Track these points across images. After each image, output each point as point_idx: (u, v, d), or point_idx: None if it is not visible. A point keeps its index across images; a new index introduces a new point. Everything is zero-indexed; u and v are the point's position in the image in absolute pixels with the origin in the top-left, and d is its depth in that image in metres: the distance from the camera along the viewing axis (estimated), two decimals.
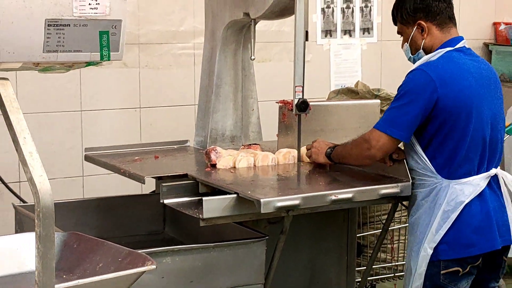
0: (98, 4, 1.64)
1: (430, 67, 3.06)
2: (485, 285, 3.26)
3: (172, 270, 2.90)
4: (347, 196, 3.01)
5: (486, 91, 3.12)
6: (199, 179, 3.12)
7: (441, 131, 3.03)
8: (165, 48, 4.71)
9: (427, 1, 3.16)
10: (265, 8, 3.38)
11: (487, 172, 3.07)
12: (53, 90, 4.35)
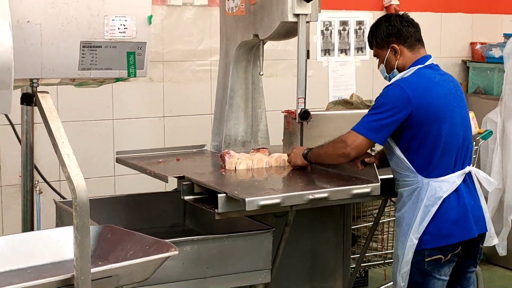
0: (126, 29, 1.64)
1: (405, 82, 3.09)
2: (465, 271, 3.24)
3: (191, 257, 2.90)
4: (323, 196, 3.00)
5: (455, 101, 3.15)
6: (194, 180, 3.09)
7: (416, 137, 3.05)
8: (186, 65, 4.71)
9: (398, 26, 3.19)
10: (272, 30, 3.38)
11: (462, 170, 3.09)
12: (89, 102, 4.36)
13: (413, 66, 3.16)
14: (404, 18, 3.25)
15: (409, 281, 3.08)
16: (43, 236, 1.87)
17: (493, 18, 6.03)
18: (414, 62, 3.17)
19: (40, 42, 1.56)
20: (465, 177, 3.11)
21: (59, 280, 1.57)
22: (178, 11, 4.66)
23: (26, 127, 3.75)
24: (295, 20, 3.29)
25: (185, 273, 2.91)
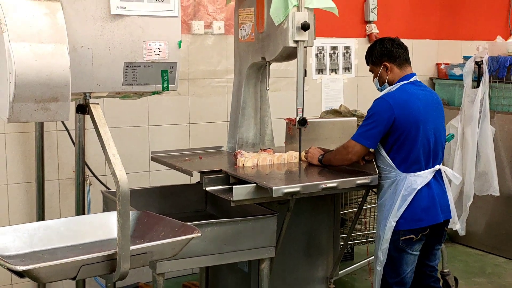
0: (160, 52, 1.64)
1: (389, 96, 3.14)
2: (432, 248, 3.27)
3: (211, 237, 2.92)
4: (333, 185, 3.08)
5: (431, 111, 3.16)
6: (230, 173, 3.16)
7: (398, 140, 3.08)
8: (207, 82, 4.71)
9: (390, 48, 3.22)
10: (276, 54, 3.38)
11: (433, 168, 3.12)
12: (129, 111, 4.36)
13: (400, 81, 3.20)
14: (395, 41, 3.30)
15: (387, 255, 3.11)
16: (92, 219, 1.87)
17: (454, 43, 6.02)
18: (401, 78, 3.20)
19: (91, 63, 1.57)
20: (435, 173, 3.14)
21: (105, 255, 1.57)
22: (201, 38, 4.66)
23: (79, 132, 3.77)
24: (295, 45, 3.29)
25: (207, 249, 2.92)
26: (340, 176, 3.21)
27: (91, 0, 1.55)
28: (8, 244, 1.67)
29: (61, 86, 1.45)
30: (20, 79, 1.41)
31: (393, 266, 3.13)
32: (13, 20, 1.43)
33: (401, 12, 5.71)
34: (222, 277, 3.69)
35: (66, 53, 1.46)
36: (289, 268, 3.52)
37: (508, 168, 5.00)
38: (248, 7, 3.61)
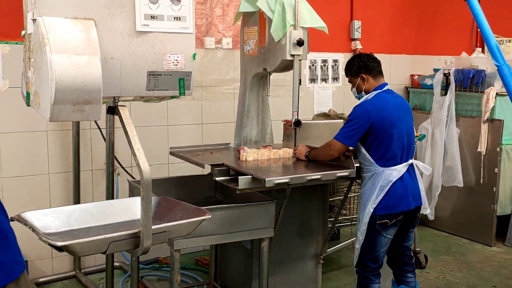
0: (178, 62, 1.64)
1: (367, 103, 3.14)
2: (406, 231, 3.26)
3: (220, 219, 2.92)
4: (317, 177, 3.08)
5: (403, 115, 3.17)
6: (230, 166, 3.15)
7: (376, 140, 3.08)
8: (217, 89, 4.71)
9: (366, 62, 3.22)
10: (275, 65, 3.37)
11: (406, 162, 3.12)
12: (152, 113, 4.37)
13: (375, 90, 3.19)
14: (371, 56, 3.29)
15: (365, 236, 3.11)
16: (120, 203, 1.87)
17: (426, 58, 6.01)
18: (375, 88, 3.20)
19: (120, 72, 1.57)
20: (408, 167, 3.13)
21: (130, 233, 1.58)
22: (212, 52, 4.66)
23: (109, 130, 3.77)
24: (292, 58, 3.28)
25: (216, 230, 2.93)
26: (323, 170, 3.20)
27: (120, 19, 1.54)
28: (49, 223, 1.68)
29: (94, 91, 1.46)
30: (59, 85, 1.41)
31: (369, 245, 3.12)
32: (54, 35, 1.43)
33: (381, 31, 5.70)
34: (228, 253, 3.70)
35: (98, 64, 1.46)
36: (285, 246, 3.52)
37: (470, 163, 5.01)
38: (252, 26, 3.61)
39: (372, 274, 3.15)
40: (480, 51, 5.68)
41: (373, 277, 3.15)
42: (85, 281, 4.01)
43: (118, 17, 1.54)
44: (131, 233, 1.59)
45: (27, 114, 3.83)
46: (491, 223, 4.95)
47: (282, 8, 3.28)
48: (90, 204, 1.82)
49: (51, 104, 1.43)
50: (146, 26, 1.57)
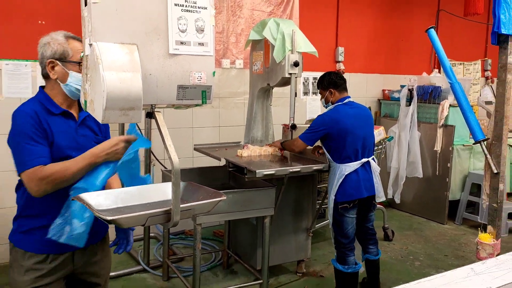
0: (201, 78, 1.65)
1: (327, 114, 3.14)
2: (367, 214, 3.26)
3: (232, 200, 2.93)
4: (297, 170, 3.11)
5: (360, 123, 3.11)
6: (229, 160, 3.22)
7: (333, 144, 3.08)
8: (231, 99, 4.73)
9: (335, 79, 3.21)
10: (277, 81, 3.39)
11: (360, 161, 3.07)
12: (181, 118, 4.39)
13: (337, 103, 3.17)
14: (338, 75, 3.28)
15: (333, 218, 3.12)
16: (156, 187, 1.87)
17: (394, 77, 6.01)
18: (338, 100, 3.18)
19: (156, 85, 1.57)
20: (364, 164, 3.09)
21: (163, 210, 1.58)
22: (227, 71, 4.67)
23: (147, 130, 3.79)
24: (289, 76, 3.29)
25: (229, 208, 2.93)
26: (302, 164, 3.22)
27: (157, 44, 1.55)
28: (101, 202, 1.69)
29: (136, 100, 1.46)
30: (109, 95, 1.42)
31: (338, 225, 3.11)
32: (105, 57, 1.44)
33: (360, 55, 5.70)
34: (238, 227, 3.71)
35: (140, 79, 1.47)
36: (282, 222, 3.52)
37: (428, 159, 5.00)
38: (259, 50, 3.62)
39: (347, 249, 3.12)
40: (437, 71, 5.66)
41: (347, 251, 3.12)
42: None
43: (155, 43, 1.55)
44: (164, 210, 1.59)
45: None
46: (444, 206, 4.95)
47: (282, 37, 3.29)
48: (133, 188, 1.82)
49: (103, 110, 1.44)
50: (177, 50, 1.57)
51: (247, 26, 4.69)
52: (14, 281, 1.78)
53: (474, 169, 5.06)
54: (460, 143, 4.98)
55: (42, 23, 3.69)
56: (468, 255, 4.16)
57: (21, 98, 3.64)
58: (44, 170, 1.70)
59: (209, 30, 1.60)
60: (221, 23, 4.59)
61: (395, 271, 3.82)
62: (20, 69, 3.61)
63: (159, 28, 1.51)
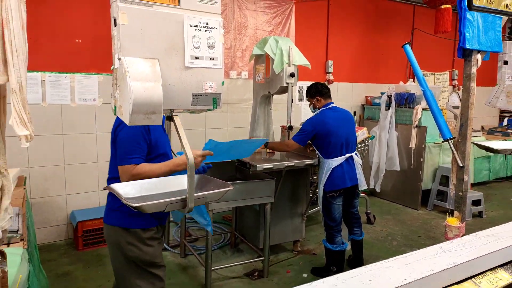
0: (212, 87, 1.65)
1: (314, 118, 3.13)
2: (352, 201, 3.25)
3: (238, 190, 2.93)
4: (292, 164, 3.11)
5: (342, 124, 3.08)
6: None
7: (320, 143, 3.07)
8: (237, 105, 4.72)
9: (320, 89, 3.19)
10: (276, 89, 3.37)
11: (344, 156, 3.05)
12: (195, 121, 4.38)
13: (323, 108, 3.15)
14: (323, 84, 3.24)
15: (322, 204, 3.10)
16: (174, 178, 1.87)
17: (375, 85, 5.98)
18: (324, 105, 3.16)
19: (174, 93, 1.57)
20: (348, 158, 3.06)
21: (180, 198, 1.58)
22: (235, 81, 4.67)
23: (167, 129, 3.78)
24: (287, 85, 3.28)
25: (236, 197, 2.93)
26: (296, 159, 3.20)
27: (175, 58, 1.55)
28: (128, 191, 1.69)
29: (157, 106, 1.46)
30: (135, 101, 1.42)
31: (327, 211, 3.10)
32: (132, 69, 1.44)
33: (346, 67, 5.68)
34: (244, 213, 3.72)
35: (160, 88, 1.47)
36: (281, 208, 3.52)
37: (404, 155, 4.98)
38: (261, 63, 3.61)
39: (335, 230, 3.11)
40: (412, 80, 5.63)
41: (335, 233, 3.11)
42: None
43: (173, 57, 1.55)
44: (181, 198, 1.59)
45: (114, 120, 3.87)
46: (418, 194, 4.92)
47: (280, 52, 3.28)
48: (155, 179, 1.83)
49: (130, 114, 1.44)
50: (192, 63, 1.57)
51: (251, 43, 4.69)
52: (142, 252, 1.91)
53: (443, 163, 5.04)
54: (431, 141, 4.96)
55: (79, 41, 3.70)
56: (438, 236, 4.15)
57: (61, 105, 3.66)
58: (136, 169, 1.85)
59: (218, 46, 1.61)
60: (229, 40, 4.59)
61: (376, 249, 3.81)
62: (60, 80, 3.62)
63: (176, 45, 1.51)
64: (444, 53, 6.65)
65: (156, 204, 1.55)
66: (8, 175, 1.20)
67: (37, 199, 3.66)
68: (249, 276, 3.18)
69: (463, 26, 2.55)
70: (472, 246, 1.56)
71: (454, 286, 1.41)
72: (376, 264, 1.39)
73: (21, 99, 1.11)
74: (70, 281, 3.03)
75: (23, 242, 1.89)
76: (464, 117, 2.73)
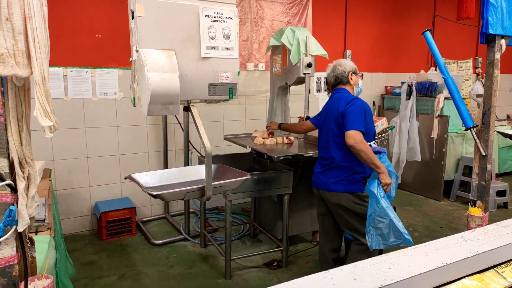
0: (228, 77, 1.66)
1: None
2: None
3: (256, 180, 2.94)
4: (310, 154, 3.01)
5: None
6: (253, 148, 3.16)
7: None
8: (255, 97, 4.72)
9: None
10: (293, 80, 3.36)
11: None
12: (213, 113, 4.41)
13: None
14: None
15: None
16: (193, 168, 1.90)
17: (395, 74, 5.86)
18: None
19: (191, 84, 1.59)
20: None
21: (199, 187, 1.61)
22: (252, 72, 4.66)
23: (185, 123, 3.83)
24: (304, 76, 3.26)
25: (254, 188, 2.94)
26: (314, 150, 3.11)
27: (191, 49, 1.57)
28: (148, 181, 1.73)
29: (175, 96, 1.49)
30: (153, 92, 1.45)
31: None
32: (149, 60, 1.47)
33: (365, 57, 5.59)
34: (262, 204, 3.73)
35: (177, 79, 1.50)
36: (299, 199, 3.52)
37: (426, 145, 4.88)
38: (278, 54, 3.60)
39: None
40: (433, 69, 5.49)
41: None
42: (171, 221, 4.11)
43: (190, 48, 1.56)
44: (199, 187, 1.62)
45: (134, 114, 3.94)
46: (440, 185, 4.83)
47: (297, 42, 3.26)
48: (174, 169, 1.86)
49: (148, 104, 1.47)
50: (208, 54, 1.59)
51: (267, 34, 4.67)
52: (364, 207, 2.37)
53: (466, 153, 4.91)
54: (454, 131, 4.84)
55: (99, 36, 3.78)
56: (461, 227, 4.06)
57: (83, 99, 3.76)
58: (362, 138, 2.21)
59: (234, 36, 1.62)
60: (246, 32, 4.58)
61: None
62: (82, 75, 3.71)
63: (192, 36, 1.53)
64: (467, 40, 6.44)
65: (175, 193, 1.59)
66: (34, 164, 1.26)
67: (61, 191, 3.79)
68: (268, 266, 3.21)
69: (486, 10, 2.47)
70: (495, 235, 1.52)
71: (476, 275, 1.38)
72: (395, 253, 1.38)
73: (44, 91, 1.16)
74: (95, 269, 3.14)
75: (50, 231, 1.97)
76: (487, 105, 2.66)
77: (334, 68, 2.54)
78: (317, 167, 2.55)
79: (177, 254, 3.42)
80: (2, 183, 1.10)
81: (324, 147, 2.51)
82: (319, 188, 2.53)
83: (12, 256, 1.13)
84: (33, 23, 1.13)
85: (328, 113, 2.49)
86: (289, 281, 1.16)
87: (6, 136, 1.13)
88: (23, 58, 1.11)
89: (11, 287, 1.13)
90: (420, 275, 1.26)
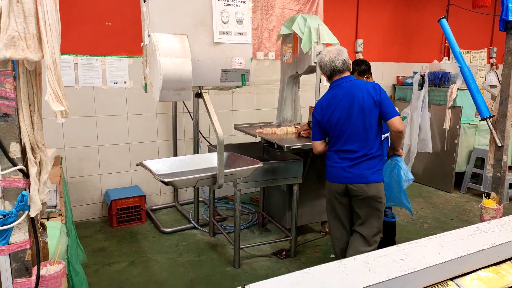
0: (241, 63, 1.62)
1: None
2: None
3: (266, 169, 2.92)
4: None
5: None
6: (263, 137, 3.14)
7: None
8: (265, 86, 4.68)
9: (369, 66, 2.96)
10: (304, 69, 3.30)
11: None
12: (223, 102, 4.39)
13: None
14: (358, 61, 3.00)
15: None
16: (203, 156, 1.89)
17: (408, 64, 5.75)
18: None
19: (203, 70, 1.57)
20: None
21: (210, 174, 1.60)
22: (262, 62, 4.61)
23: (195, 112, 3.82)
24: (315, 65, 3.20)
25: (264, 177, 2.93)
26: None
27: (203, 34, 1.54)
28: (159, 168, 1.72)
29: (187, 82, 1.46)
30: (165, 77, 1.43)
31: None
32: (161, 45, 1.44)
33: (377, 46, 5.49)
34: (271, 193, 3.72)
35: (189, 64, 1.47)
36: (308, 189, 3.49)
37: (437, 136, 4.81)
38: (288, 43, 3.54)
39: None
40: (447, 58, 5.38)
41: None
42: (181, 209, 4.12)
43: (202, 33, 1.53)
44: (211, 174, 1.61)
45: (144, 103, 3.93)
46: (451, 177, 4.76)
47: (309, 30, 3.20)
48: (185, 157, 1.85)
49: (160, 90, 1.45)
50: (220, 39, 1.56)
51: (278, 23, 4.60)
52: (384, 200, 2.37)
53: (478, 144, 4.82)
54: (467, 122, 4.75)
55: (109, 24, 3.75)
56: (472, 219, 4.01)
57: (94, 87, 3.75)
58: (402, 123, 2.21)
59: (247, 21, 1.58)
60: (256, 21, 4.52)
61: (406, 231, 3.74)
62: (92, 63, 3.70)
63: (205, 20, 1.50)
64: (482, 29, 6.29)
65: (187, 180, 1.58)
66: (45, 150, 1.24)
67: (72, 179, 3.81)
68: (277, 255, 3.20)
69: None
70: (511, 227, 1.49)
71: (492, 267, 1.35)
72: (409, 244, 1.35)
73: (55, 75, 1.13)
74: (106, 256, 3.16)
75: (61, 217, 1.97)
76: (505, 94, 2.59)
77: (340, 52, 2.30)
78: (342, 162, 2.31)
79: (186, 242, 3.44)
80: (14, 168, 1.09)
81: (352, 140, 2.27)
82: (352, 182, 2.30)
83: (24, 241, 1.13)
84: (43, 6, 1.11)
85: (352, 103, 2.24)
86: (301, 270, 1.14)
87: (18, 121, 1.12)
88: (34, 42, 1.08)
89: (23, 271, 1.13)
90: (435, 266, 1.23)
